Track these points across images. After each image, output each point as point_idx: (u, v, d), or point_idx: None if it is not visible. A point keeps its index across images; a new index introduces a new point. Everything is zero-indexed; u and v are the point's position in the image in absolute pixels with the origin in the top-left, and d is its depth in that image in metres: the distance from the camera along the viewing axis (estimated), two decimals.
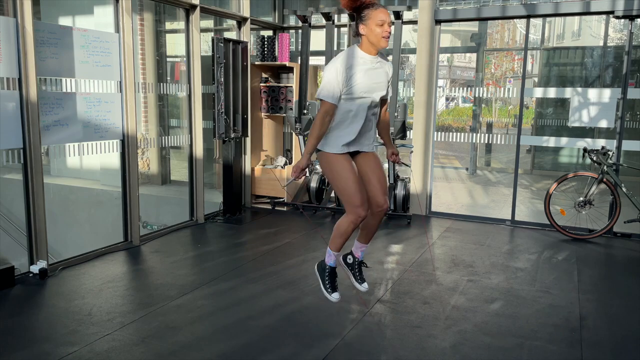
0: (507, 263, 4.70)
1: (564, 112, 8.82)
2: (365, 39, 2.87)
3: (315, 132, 2.84)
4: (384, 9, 2.84)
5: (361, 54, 2.89)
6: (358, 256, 3.28)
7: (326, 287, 3.15)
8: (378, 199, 2.99)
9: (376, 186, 2.99)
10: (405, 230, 5.75)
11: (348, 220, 2.94)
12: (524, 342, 3.21)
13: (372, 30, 2.81)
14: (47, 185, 4.39)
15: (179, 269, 4.44)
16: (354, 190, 2.88)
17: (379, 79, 2.93)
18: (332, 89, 2.80)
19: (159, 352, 3.03)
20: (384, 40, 2.83)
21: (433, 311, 3.64)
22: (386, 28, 2.81)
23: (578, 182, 6.36)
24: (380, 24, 2.80)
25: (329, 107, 2.82)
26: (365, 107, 2.91)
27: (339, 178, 2.91)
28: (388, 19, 2.82)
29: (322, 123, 2.83)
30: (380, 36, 2.81)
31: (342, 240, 3.02)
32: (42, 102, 4.16)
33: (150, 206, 6.94)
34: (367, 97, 2.88)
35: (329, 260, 3.13)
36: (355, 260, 3.28)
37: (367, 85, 2.86)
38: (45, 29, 4.17)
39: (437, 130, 6.42)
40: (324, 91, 2.83)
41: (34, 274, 4.12)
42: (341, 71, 2.81)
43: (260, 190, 6.82)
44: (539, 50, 9.93)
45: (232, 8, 6.42)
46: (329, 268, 3.14)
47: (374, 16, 2.81)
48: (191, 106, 5.75)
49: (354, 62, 2.85)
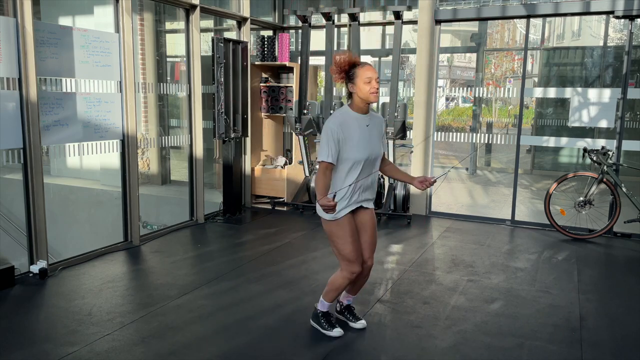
0: (507, 263, 4.70)
1: (564, 112, 8.82)
2: (356, 96, 2.97)
3: (321, 184, 2.94)
4: (369, 67, 2.95)
5: (353, 114, 3.00)
6: (344, 303, 3.42)
7: (326, 328, 3.27)
8: (364, 255, 3.16)
9: (365, 244, 3.16)
10: (405, 230, 5.75)
11: (342, 276, 3.11)
12: (524, 342, 3.21)
13: (361, 88, 2.92)
14: (47, 185, 4.39)
15: (179, 269, 4.44)
16: (351, 250, 3.05)
17: (374, 137, 3.03)
18: (329, 149, 2.91)
19: (159, 352, 3.03)
20: (372, 96, 2.93)
21: (433, 311, 3.64)
22: (373, 84, 2.91)
23: (578, 182, 6.36)
24: (368, 81, 2.90)
25: (327, 165, 2.94)
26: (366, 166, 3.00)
27: (338, 241, 3.06)
28: (375, 75, 2.92)
29: (324, 177, 2.95)
30: (368, 93, 2.92)
31: (336, 294, 3.21)
32: (42, 102, 4.16)
33: (150, 206, 6.94)
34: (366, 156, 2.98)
35: (322, 308, 3.29)
36: (343, 306, 3.43)
37: (363, 144, 2.96)
38: (45, 29, 4.17)
39: (437, 130, 6.42)
40: (322, 152, 2.94)
41: (34, 274, 4.12)
42: (336, 132, 2.91)
43: (260, 190, 6.82)
44: (539, 50, 9.93)
45: (232, 8, 6.42)
46: (321, 312, 3.29)
47: (361, 74, 2.91)
48: (191, 106, 5.75)
49: (347, 122, 2.96)
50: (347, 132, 2.93)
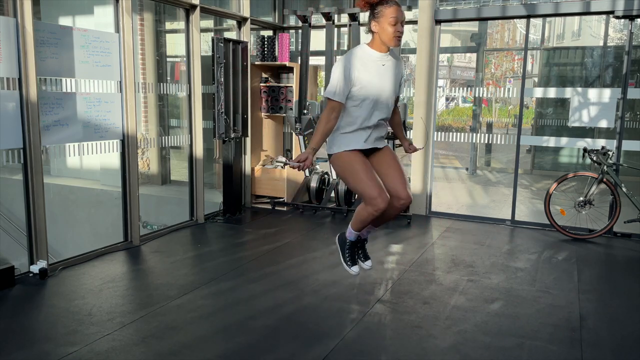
0: (507, 263, 4.70)
1: (564, 112, 8.82)
2: (377, 36, 2.77)
3: (321, 128, 2.75)
4: (398, 7, 2.72)
5: (370, 51, 2.80)
6: (362, 235, 3.26)
7: (346, 260, 3.16)
8: (400, 192, 2.93)
9: (395, 179, 2.94)
10: (405, 230, 5.74)
11: (367, 211, 2.89)
12: (524, 342, 3.21)
13: (384, 28, 2.71)
14: (47, 185, 4.39)
15: (179, 269, 4.44)
16: (369, 184, 2.82)
17: (389, 78, 2.85)
18: (338, 87, 2.74)
19: (159, 352, 3.03)
20: (395, 40, 2.72)
21: (433, 311, 3.64)
22: (399, 27, 2.70)
23: (578, 182, 6.37)
24: (393, 22, 2.68)
25: (334, 104, 2.75)
26: (377, 108, 2.84)
27: (351, 175, 2.86)
28: (402, 17, 2.71)
29: (328, 120, 2.76)
30: (392, 35, 2.71)
31: (362, 225, 3.04)
32: (42, 102, 4.16)
33: (150, 206, 6.95)
34: (377, 98, 2.81)
35: (350, 236, 3.14)
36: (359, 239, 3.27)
37: (376, 86, 2.79)
38: (45, 29, 4.17)
39: (437, 130, 6.42)
40: (330, 89, 2.76)
41: (34, 274, 4.12)
42: (349, 69, 2.73)
43: (260, 190, 6.82)
44: (539, 50, 9.93)
45: (232, 8, 6.42)
46: (349, 242, 3.15)
47: (387, 13, 2.69)
48: (191, 106, 5.75)
49: (363, 61, 2.77)
50: (360, 70, 2.74)
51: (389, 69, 2.85)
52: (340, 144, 2.88)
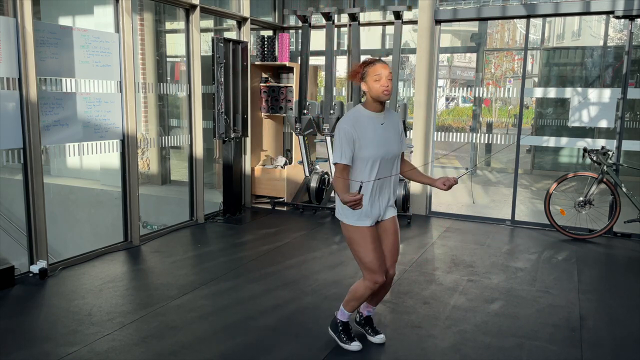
0: (507, 263, 4.70)
1: (564, 112, 8.82)
2: (368, 95, 2.86)
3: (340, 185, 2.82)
4: (381, 63, 2.82)
5: (366, 112, 2.88)
6: (364, 314, 3.30)
7: (344, 341, 3.14)
8: (387, 264, 3.03)
9: (389, 256, 3.03)
10: (405, 230, 5.74)
11: (365, 286, 2.97)
12: (524, 342, 3.21)
13: (371, 86, 2.81)
14: (47, 185, 4.39)
15: (179, 269, 4.44)
16: (373, 259, 2.90)
17: (390, 136, 2.91)
18: (342, 151, 2.82)
19: (159, 352, 3.03)
20: (383, 94, 2.80)
21: (433, 311, 3.64)
22: (384, 82, 2.78)
23: (578, 182, 6.37)
24: (377, 79, 2.78)
25: (342, 166, 2.83)
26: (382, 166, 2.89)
27: (359, 248, 2.93)
28: (385, 72, 2.79)
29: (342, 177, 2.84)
30: (379, 91, 2.80)
31: (357, 303, 3.06)
32: (42, 102, 4.16)
33: (150, 206, 6.94)
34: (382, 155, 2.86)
35: (342, 317, 3.16)
36: (362, 318, 3.31)
37: (377, 144, 2.85)
38: (45, 29, 4.17)
39: (437, 130, 6.42)
40: (336, 154, 2.84)
41: (34, 274, 4.12)
42: (351, 128, 2.81)
43: (260, 190, 6.82)
44: (539, 50, 9.93)
45: (232, 8, 6.42)
46: (341, 323, 3.16)
47: (371, 72, 2.80)
48: (191, 106, 5.75)
49: (360, 121, 2.85)
50: (360, 131, 2.81)
51: (388, 127, 2.92)
52: (352, 216, 2.91)
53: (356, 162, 2.86)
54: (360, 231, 2.91)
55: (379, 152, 2.84)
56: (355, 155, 2.84)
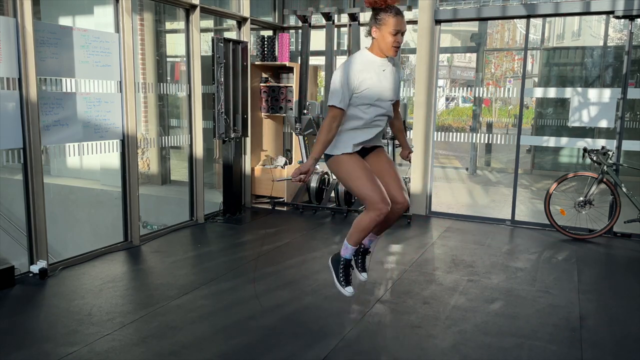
0: (507, 263, 4.70)
1: (564, 112, 8.82)
2: (376, 42, 2.80)
3: (323, 137, 2.75)
4: (401, 18, 2.74)
5: (370, 56, 2.83)
6: (365, 244, 3.22)
7: (340, 281, 3.07)
8: (396, 197, 2.94)
9: (392, 184, 2.94)
10: (405, 230, 5.74)
11: (369, 217, 2.85)
12: (524, 342, 3.21)
13: (384, 36, 2.74)
14: (47, 185, 4.39)
15: (179, 269, 4.44)
16: (372, 188, 2.80)
17: (390, 83, 2.88)
18: (340, 94, 2.74)
19: (159, 352, 3.03)
20: (393, 50, 2.76)
21: (433, 311, 3.64)
22: (398, 38, 2.73)
23: (578, 182, 6.36)
24: (394, 32, 2.71)
25: (337, 112, 2.75)
26: (378, 113, 2.86)
27: (353, 179, 2.84)
28: (403, 29, 2.73)
29: (330, 129, 2.76)
30: (390, 45, 2.74)
31: (362, 235, 2.95)
32: (42, 102, 4.16)
33: (150, 206, 6.94)
34: (379, 103, 2.84)
35: (345, 253, 3.05)
36: (361, 247, 3.23)
37: (378, 90, 2.81)
38: (45, 29, 4.17)
39: (437, 130, 6.42)
40: (332, 97, 2.76)
41: (34, 274, 4.12)
42: (351, 76, 2.74)
43: (260, 190, 6.82)
44: (539, 50, 9.93)
45: (232, 8, 6.42)
46: (344, 260, 3.06)
47: (390, 23, 2.71)
48: (191, 106, 5.75)
49: (364, 66, 2.79)
50: (362, 74, 2.76)
51: (389, 74, 2.88)
52: (339, 146, 2.87)
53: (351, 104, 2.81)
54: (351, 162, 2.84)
55: (376, 97, 2.80)
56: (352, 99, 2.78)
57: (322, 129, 2.76)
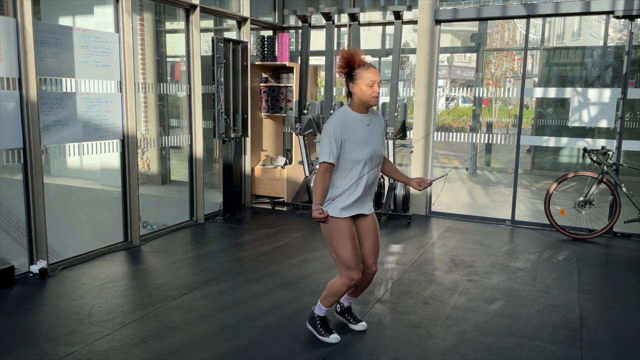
0: (507, 263, 4.70)
1: (564, 112, 8.82)
2: (356, 97, 2.92)
3: (319, 189, 2.89)
4: (373, 69, 2.88)
5: (353, 114, 2.95)
6: (345, 304, 3.38)
7: (322, 334, 3.20)
8: (368, 262, 3.11)
9: (368, 249, 3.10)
10: (405, 230, 5.74)
11: (341, 282, 3.03)
12: (524, 342, 3.21)
13: (362, 90, 2.86)
14: (47, 185, 4.39)
15: (179, 269, 4.44)
16: (350, 255, 2.96)
17: (375, 137, 2.99)
18: (329, 150, 2.86)
19: (159, 352, 3.03)
20: (373, 100, 2.88)
21: (433, 311, 3.64)
22: (375, 88, 2.86)
23: (578, 182, 6.37)
24: (370, 84, 2.85)
25: (327, 166, 2.88)
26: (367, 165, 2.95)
27: (336, 242, 2.99)
28: (378, 79, 2.87)
29: (323, 180, 2.89)
30: (370, 96, 2.87)
31: (334, 299, 3.13)
32: (42, 102, 4.16)
33: (150, 206, 6.94)
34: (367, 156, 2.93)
35: (320, 312, 3.22)
36: (343, 307, 3.39)
37: (364, 145, 2.92)
38: (45, 29, 4.17)
39: (437, 130, 6.42)
40: (323, 152, 2.88)
41: (34, 274, 4.12)
42: (339, 129, 2.87)
43: (260, 190, 6.82)
44: (539, 50, 9.93)
45: (232, 8, 6.42)
46: (318, 317, 3.22)
47: (365, 77, 2.85)
48: (191, 106, 5.75)
49: (348, 122, 2.91)
50: (348, 133, 2.88)
51: (373, 128, 3.00)
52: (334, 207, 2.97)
53: (342, 161, 2.92)
54: (339, 228, 2.96)
55: (365, 153, 2.92)
56: (341, 156, 2.90)
57: (317, 182, 2.91)
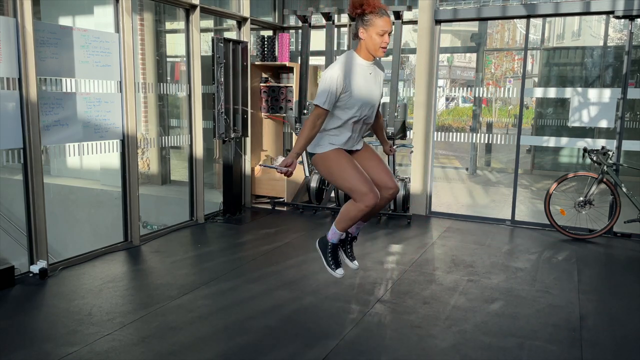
0: (507, 263, 4.70)
1: (564, 112, 8.82)
2: (364, 43, 2.84)
3: (305, 134, 2.81)
4: (387, 18, 2.78)
5: (358, 59, 2.87)
6: (352, 232, 3.25)
7: (330, 264, 3.12)
8: (387, 182, 2.98)
9: (381, 172, 2.99)
10: (405, 230, 5.74)
11: (357, 208, 2.87)
12: (524, 342, 3.21)
13: (372, 37, 2.78)
14: (47, 185, 4.39)
15: (179, 269, 4.44)
16: (358, 180, 2.83)
17: (375, 86, 2.94)
18: (328, 95, 2.78)
19: (159, 352, 3.03)
20: (381, 50, 2.81)
21: (433, 311, 3.64)
22: (386, 38, 2.78)
23: (578, 182, 6.36)
24: (382, 33, 2.76)
25: (321, 112, 2.80)
26: (361, 115, 2.92)
27: (338, 172, 2.88)
28: (390, 29, 2.79)
29: (313, 126, 2.81)
30: (378, 45, 2.79)
31: (349, 223, 2.99)
32: (42, 102, 4.15)
33: (150, 206, 6.94)
34: (363, 106, 2.89)
35: (333, 238, 3.09)
36: (349, 236, 3.26)
37: (363, 95, 2.87)
38: (45, 29, 4.17)
39: (437, 130, 6.42)
40: (319, 97, 2.80)
41: (34, 274, 4.12)
42: (341, 77, 2.79)
43: (260, 190, 6.82)
44: (539, 50, 9.93)
45: (232, 8, 6.42)
46: (331, 245, 3.11)
47: (377, 24, 2.76)
48: (191, 106, 5.75)
49: (352, 68, 2.83)
50: (349, 80, 2.81)
51: (375, 78, 2.93)
52: (325, 144, 2.92)
53: (336, 109, 2.86)
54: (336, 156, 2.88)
55: (363, 101, 2.86)
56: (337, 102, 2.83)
57: (306, 126, 2.81)
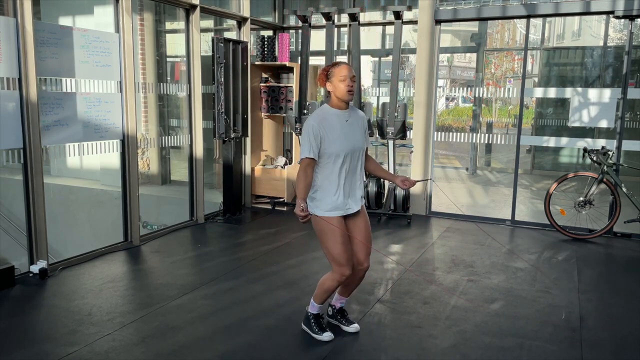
0: (507, 263, 4.70)
1: (564, 112, 8.82)
2: (333, 95, 3.01)
3: (302, 184, 2.98)
4: (345, 65, 2.99)
5: (331, 110, 3.03)
6: (337, 305, 3.38)
7: (316, 332, 3.23)
8: (360, 258, 3.13)
9: (359, 245, 3.12)
10: (405, 230, 5.74)
11: (332, 278, 3.08)
12: (524, 342, 3.21)
13: (336, 86, 2.97)
14: (47, 185, 4.39)
15: (179, 269, 4.44)
16: (341, 251, 3.00)
17: (355, 132, 3.05)
18: (309, 146, 2.95)
19: (159, 352, 3.03)
20: (348, 94, 2.97)
21: (433, 311, 3.64)
22: (349, 82, 2.95)
23: (578, 182, 6.36)
24: (342, 79, 2.94)
25: (308, 161, 2.97)
26: (348, 161, 3.01)
27: (326, 238, 3.03)
28: (350, 74, 2.96)
29: (305, 175, 2.98)
30: (344, 91, 2.96)
31: (326, 296, 3.17)
32: (42, 102, 4.16)
33: (150, 206, 6.94)
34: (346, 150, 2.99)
35: (313, 310, 3.25)
36: (335, 310, 3.39)
37: (343, 139, 2.98)
38: (45, 29, 4.17)
39: (437, 130, 6.42)
40: (303, 148, 2.97)
41: (34, 274, 4.12)
42: (316, 126, 2.94)
43: (260, 190, 6.82)
44: (539, 50, 9.93)
45: (232, 8, 6.42)
46: (312, 315, 3.26)
47: (337, 73, 2.96)
48: (191, 106, 5.75)
49: (327, 118, 2.99)
50: (327, 128, 2.96)
51: (353, 124, 3.06)
52: (319, 204, 3.02)
53: (323, 157, 3.00)
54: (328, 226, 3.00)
55: (344, 147, 2.98)
56: (321, 151, 2.98)
57: (299, 177, 2.99)
